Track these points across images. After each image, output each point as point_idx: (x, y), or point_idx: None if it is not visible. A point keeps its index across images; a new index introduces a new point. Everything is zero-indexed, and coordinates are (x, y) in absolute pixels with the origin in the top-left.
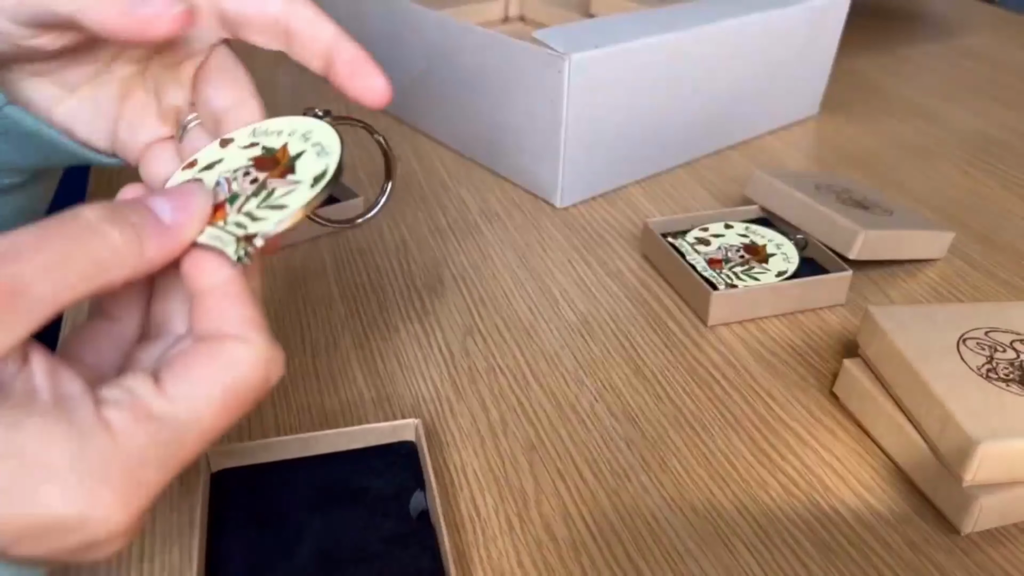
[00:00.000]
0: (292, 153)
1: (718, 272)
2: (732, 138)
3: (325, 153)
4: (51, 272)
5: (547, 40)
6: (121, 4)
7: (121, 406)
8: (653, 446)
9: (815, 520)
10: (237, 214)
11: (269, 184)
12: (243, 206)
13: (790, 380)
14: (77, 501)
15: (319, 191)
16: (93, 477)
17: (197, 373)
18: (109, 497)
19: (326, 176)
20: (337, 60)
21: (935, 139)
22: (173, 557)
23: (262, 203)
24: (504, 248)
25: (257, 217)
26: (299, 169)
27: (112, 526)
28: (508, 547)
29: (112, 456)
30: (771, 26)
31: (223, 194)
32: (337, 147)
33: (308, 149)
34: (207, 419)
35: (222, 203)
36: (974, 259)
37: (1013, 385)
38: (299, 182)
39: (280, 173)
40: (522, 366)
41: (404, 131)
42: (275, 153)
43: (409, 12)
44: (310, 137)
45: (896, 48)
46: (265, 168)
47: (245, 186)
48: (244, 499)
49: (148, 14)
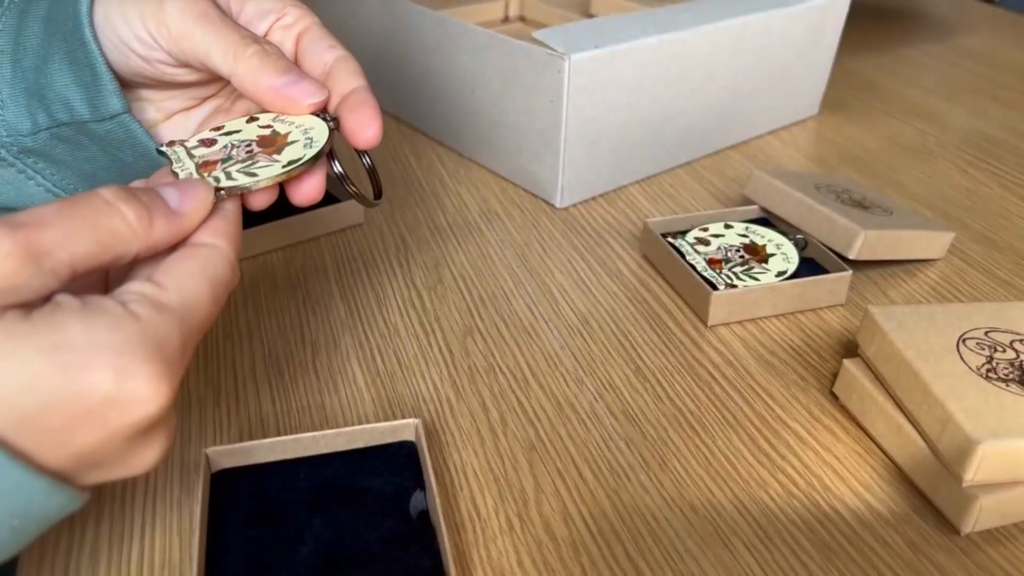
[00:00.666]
0: (288, 140)
1: (718, 272)
2: (732, 138)
3: (311, 146)
4: (70, 240)
5: (547, 40)
6: (274, 80)
7: (140, 302)
8: (653, 446)
9: (815, 520)
10: (220, 171)
11: (257, 157)
12: (229, 166)
13: (790, 380)
14: (125, 378)
15: (287, 172)
16: (134, 358)
17: (187, 270)
18: (148, 372)
19: (299, 162)
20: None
21: (935, 139)
22: (173, 557)
23: (243, 168)
24: (504, 248)
25: (233, 178)
26: (284, 152)
27: (160, 400)
28: (508, 547)
29: (143, 337)
30: (771, 26)
31: (223, 154)
32: (320, 145)
33: (301, 139)
34: (204, 307)
35: (216, 160)
36: (974, 259)
37: (1013, 385)
38: (277, 161)
39: (270, 152)
40: (522, 366)
41: (404, 131)
42: (277, 137)
43: (409, 12)
44: (309, 132)
45: (896, 48)
46: (263, 145)
47: (240, 154)
48: (244, 499)
49: (294, 96)
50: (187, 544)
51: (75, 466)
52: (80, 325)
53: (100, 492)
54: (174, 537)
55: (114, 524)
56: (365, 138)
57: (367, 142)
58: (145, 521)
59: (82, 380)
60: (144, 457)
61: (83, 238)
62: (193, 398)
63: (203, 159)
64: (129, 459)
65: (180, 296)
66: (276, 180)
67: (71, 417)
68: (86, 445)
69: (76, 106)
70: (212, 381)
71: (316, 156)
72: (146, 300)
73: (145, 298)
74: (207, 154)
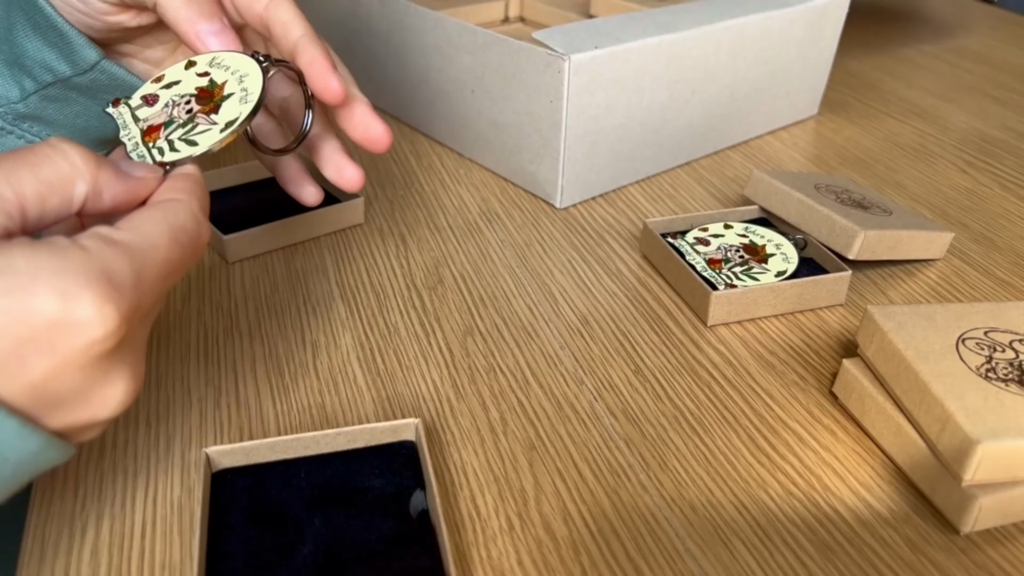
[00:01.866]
0: (225, 92)
1: (718, 272)
2: (732, 138)
3: (245, 101)
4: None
5: (547, 41)
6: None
7: (90, 237)
8: (652, 445)
9: (814, 519)
10: (163, 140)
11: (196, 119)
12: (171, 133)
13: (789, 380)
14: (67, 300)
15: (224, 137)
16: (77, 280)
17: (146, 216)
18: (92, 295)
19: (235, 123)
20: (300, 59)
21: (934, 139)
22: (173, 557)
23: (184, 135)
24: (504, 248)
25: (174, 148)
26: (222, 110)
27: (106, 325)
28: (508, 546)
29: (88, 264)
30: (771, 27)
31: (165, 117)
32: (255, 98)
33: (237, 92)
34: (162, 248)
35: (159, 126)
36: (973, 259)
37: (1012, 385)
38: (215, 124)
39: (209, 110)
40: (522, 366)
41: (404, 131)
42: (215, 88)
43: (409, 12)
44: (244, 81)
45: (895, 48)
46: (202, 101)
47: (182, 114)
48: (244, 499)
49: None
50: (187, 544)
51: (35, 402)
52: (24, 253)
53: (101, 491)
54: (174, 537)
55: (114, 524)
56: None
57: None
58: (145, 521)
59: (25, 302)
60: (106, 396)
61: (25, 176)
62: (193, 398)
63: (147, 123)
64: (91, 397)
65: (134, 235)
66: (217, 146)
67: (17, 340)
68: (39, 374)
69: (55, 65)
70: (212, 381)
71: (252, 113)
72: (97, 236)
73: (96, 235)
74: (150, 116)
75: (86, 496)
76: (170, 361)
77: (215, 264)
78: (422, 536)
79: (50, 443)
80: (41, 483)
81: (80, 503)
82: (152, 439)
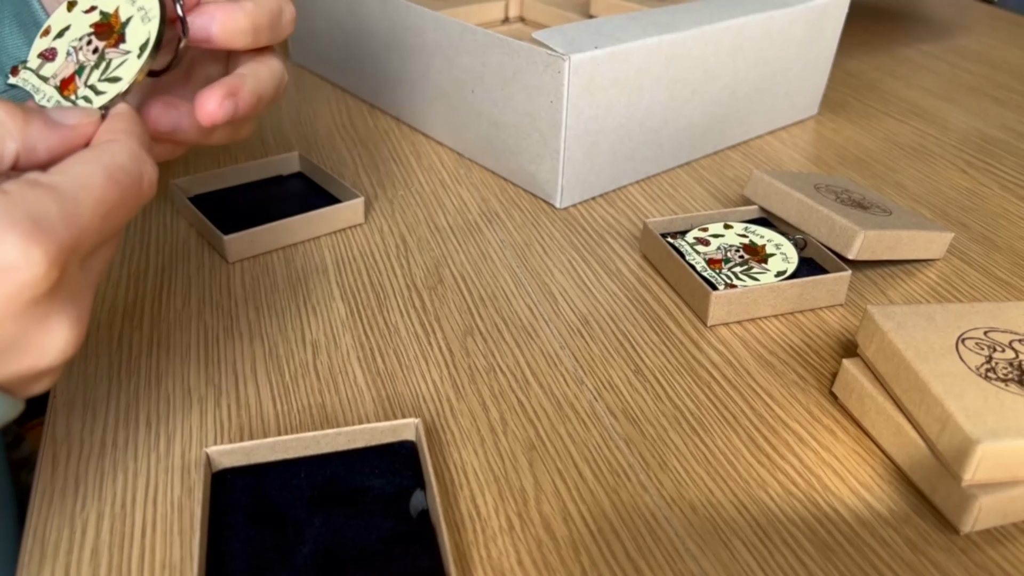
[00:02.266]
0: (123, 19)
1: (717, 272)
2: (731, 138)
3: (148, 19)
4: None
5: (547, 41)
6: None
7: (12, 182)
8: (652, 445)
9: (814, 519)
10: (84, 88)
11: (107, 55)
12: (88, 78)
13: (789, 380)
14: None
15: (145, 60)
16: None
17: (77, 158)
18: (15, 237)
19: (149, 44)
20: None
21: (934, 139)
22: (174, 557)
23: (102, 76)
24: (504, 248)
25: (99, 91)
26: (128, 37)
27: (35, 268)
28: (508, 546)
29: (10, 208)
30: (771, 27)
31: (73, 65)
32: (156, 12)
33: (135, 15)
34: (96, 188)
35: (72, 76)
36: (973, 259)
37: (1012, 385)
38: (129, 52)
39: (114, 42)
40: (522, 366)
41: (404, 131)
42: (109, 19)
43: (409, 12)
44: (135, 1)
45: (895, 48)
46: (103, 36)
47: (89, 56)
48: (244, 499)
49: None
50: (187, 544)
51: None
52: None
53: (101, 491)
54: (175, 537)
55: (115, 524)
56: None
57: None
58: (146, 521)
59: None
60: (44, 344)
61: None
62: (193, 398)
63: (58, 78)
64: (28, 345)
65: (63, 176)
66: (142, 73)
67: None
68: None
69: None
70: (212, 381)
71: (161, 29)
72: (21, 180)
73: (21, 179)
74: (58, 70)
75: (86, 496)
76: (170, 361)
77: (215, 264)
78: (422, 536)
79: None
80: (41, 483)
81: (80, 503)
82: (152, 439)
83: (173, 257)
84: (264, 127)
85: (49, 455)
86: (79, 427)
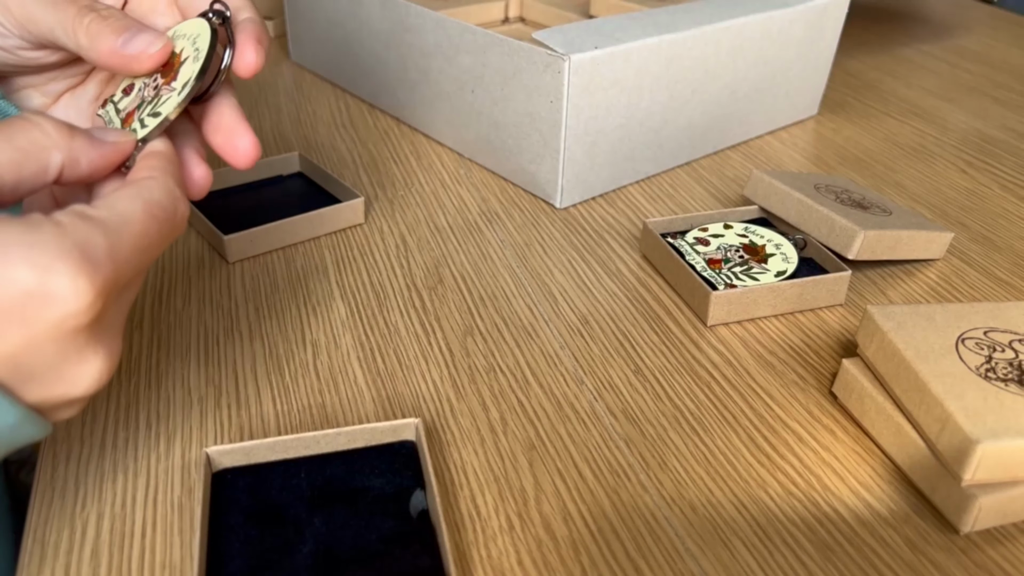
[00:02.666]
0: (182, 59)
1: (717, 272)
2: (731, 138)
3: (196, 60)
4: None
5: (547, 41)
6: (112, 42)
7: (64, 214)
8: (652, 445)
9: (814, 519)
10: (136, 120)
11: (161, 92)
12: (142, 112)
13: (789, 380)
14: (41, 272)
15: (183, 99)
16: (51, 253)
17: (120, 194)
18: (66, 268)
19: (188, 85)
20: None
21: (934, 139)
22: (174, 557)
23: (151, 110)
24: (504, 248)
25: (145, 124)
26: (180, 75)
27: (81, 299)
28: (508, 546)
29: (62, 238)
30: (771, 27)
31: (138, 99)
32: (205, 53)
33: (191, 55)
34: (137, 223)
35: (134, 109)
36: (973, 259)
37: (1012, 385)
38: (174, 90)
39: (171, 80)
40: (522, 366)
41: (404, 131)
42: (174, 58)
43: (409, 12)
44: (196, 42)
45: (895, 48)
46: (165, 74)
47: (150, 92)
48: (244, 499)
49: (134, 53)
50: (188, 544)
51: (10, 373)
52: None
53: (101, 491)
54: (175, 537)
55: (115, 523)
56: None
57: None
58: (146, 521)
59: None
60: (80, 373)
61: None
62: (193, 398)
63: (124, 112)
64: (65, 372)
65: (109, 211)
66: (179, 109)
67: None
68: (12, 345)
69: None
70: (212, 381)
71: (204, 68)
72: (71, 212)
73: (71, 211)
74: (127, 104)
75: (86, 496)
76: (170, 361)
77: (215, 264)
78: (422, 536)
79: (27, 417)
80: (41, 483)
81: (80, 503)
82: (152, 439)
83: (173, 257)
84: (264, 127)
85: (49, 455)
86: (79, 427)
